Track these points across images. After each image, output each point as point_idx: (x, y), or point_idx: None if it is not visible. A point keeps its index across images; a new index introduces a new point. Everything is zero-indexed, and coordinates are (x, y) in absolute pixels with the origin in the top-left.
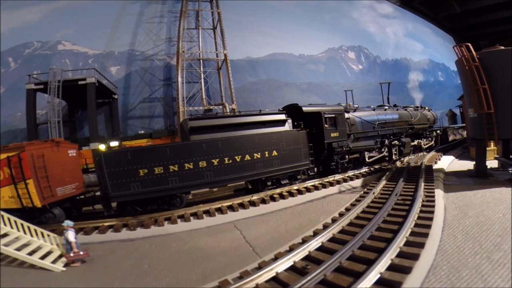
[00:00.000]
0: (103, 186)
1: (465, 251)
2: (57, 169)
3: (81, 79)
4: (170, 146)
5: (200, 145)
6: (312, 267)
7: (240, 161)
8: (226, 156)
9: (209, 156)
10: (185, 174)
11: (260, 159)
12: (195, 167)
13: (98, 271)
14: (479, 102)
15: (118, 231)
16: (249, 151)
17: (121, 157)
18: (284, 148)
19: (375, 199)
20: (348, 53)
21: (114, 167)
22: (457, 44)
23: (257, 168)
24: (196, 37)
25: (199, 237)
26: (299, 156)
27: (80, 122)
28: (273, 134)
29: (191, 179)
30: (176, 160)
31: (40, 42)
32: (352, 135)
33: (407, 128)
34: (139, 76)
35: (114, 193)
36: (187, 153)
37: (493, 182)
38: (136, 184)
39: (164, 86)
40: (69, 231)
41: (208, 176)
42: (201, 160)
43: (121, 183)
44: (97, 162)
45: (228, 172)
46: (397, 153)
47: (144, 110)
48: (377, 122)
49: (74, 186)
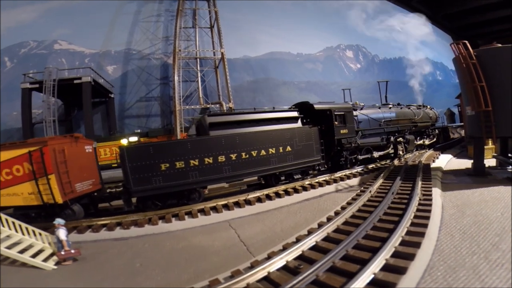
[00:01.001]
0: (125, 181)
1: (462, 251)
2: (76, 165)
3: (77, 78)
4: (191, 141)
5: (220, 140)
6: (304, 266)
7: (256, 156)
8: (243, 151)
9: (227, 151)
10: (205, 168)
11: (274, 154)
12: (214, 161)
13: (89, 270)
14: (477, 100)
15: (112, 230)
16: (265, 146)
17: (144, 151)
18: (297, 144)
19: (371, 197)
20: (346, 51)
21: (136, 161)
22: (454, 42)
23: (272, 163)
24: (193, 36)
25: (193, 236)
26: (311, 151)
27: (77, 121)
28: (287, 131)
29: (210, 174)
30: (196, 155)
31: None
32: (360, 132)
33: (411, 126)
34: (135, 75)
35: (136, 188)
36: (207, 148)
37: (491, 180)
38: (158, 179)
39: (161, 85)
40: (60, 229)
41: (227, 170)
42: (220, 155)
43: (143, 178)
44: (120, 156)
45: (245, 167)
46: (403, 149)
47: (141, 109)
48: (383, 119)
49: (91, 182)
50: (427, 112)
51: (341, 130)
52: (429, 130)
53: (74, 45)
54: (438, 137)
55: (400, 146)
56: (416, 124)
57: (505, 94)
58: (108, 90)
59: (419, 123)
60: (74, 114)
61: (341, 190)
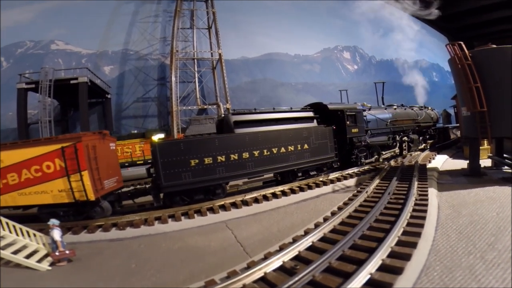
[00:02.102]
0: (155, 176)
1: (458, 251)
2: (104, 162)
3: (73, 79)
4: (219, 137)
5: (244, 138)
6: (301, 267)
7: (277, 153)
8: (265, 148)
9: (251, 148)
10: (230, 164)
11: (293, 152)
12: (239, 157)
13: (84, 271)
14: (472, 101)
15: (107, 231)
16: (284, 144)
17: (175, 147)
18: (314, 142)
19: (368, 198)
20: (343, 53)
21: (167, 157)
22: (450, 43)
23: (291, 160)
24: (190, 36)
25: (189, 237)
26: (326, 149)
27: (73, 122)
28: (304, 129)
29: (235, 169)
30: (223, 151)
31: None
32: (369, 131)
33: (414, 126)
34: (133, 75)
35: (167, 183)
36: (232, 144)
37: (486, 180)
38: (188, 174)
39: (158, 85)
40: (55, 230)
41: (250, 166)
42: (244, 152)
43: (173, 173)
44: (152, 152)
45: (266, 163)
46: (406, 148)
47: (137, 109)
48: (389, 120)
49: (116, 180)
50: (429, 113)
51: (352, 129)
52: (430, 130)
53: (71, 45)
54: (439, 137)
55: (404, 145)
56: (419, 124)
57: (500, 95)
58: (105, 90)
59: (421, 123)
60: (71, 114)
61: (338, 190)
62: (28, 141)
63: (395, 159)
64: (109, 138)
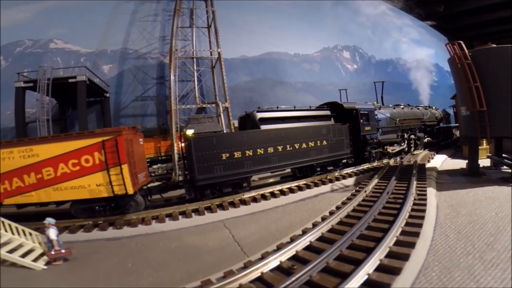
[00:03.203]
0: (189, 170)
1: (457, 251)
2: (137, 156)
3: (71, 77)
4: (247, 133)
5: (269, 134)
6: (298, 267)
7: (299, 149)
8: (288, 144)
9: (275, 143)
10: (257, 158)
11: (313, 148)
12: (265, 152)
13: (80, 270)
14: (472, 100)
15: (104, 230)
16: (305, 140)
17: (208, 141)
18: (332, 139)
19: (366, 197)
20: (343, 52)
21: (201, 151)
22: (449, 42)
23: (311, 155)
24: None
25: (187, 236)
26: (343, 146)
27: (71, 121)
28: (323, 127)
29: (261, 164)
30: (251, 146)
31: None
32: (380, 129)
33: (420, 125)
34: (132, 74)
35: (200, 176)
36: (259, 140)
37: (485, 180)
38: (219, 167)
39: (157, 84)
40: (51, 229)
41: (274, 160)
42: (269, 147)
43: (206, 166)
44: (187, 146)
45: (289, 158)
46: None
47: (136, 108)
48: (398, 118)
49: (145, 174)
50: (433, 112)
51: (366, 127)
52: (435, 129)
53: (70, 44)
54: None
55: (411, 142)
56: (425, 123)
57: (500, 94)
58: (104, 89)
59: (427, 122)
60: (69, 113)
61: (337, 190)
62: (67, 134)
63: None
64: (139, 133)
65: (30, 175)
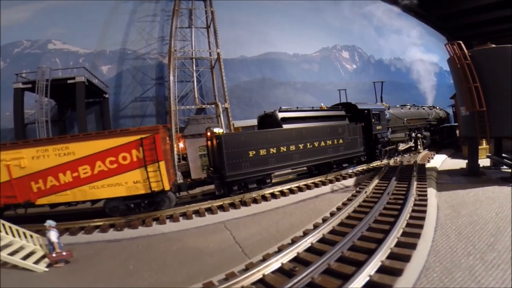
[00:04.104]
0: (219, 167)
1: (458, 252)
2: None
3: (70, 78)
4: (271, 132)
5: (291, 132)
6: (300, 269)
7: (318, 147)
8: (308, 142)
9: (296, 142)
10: (280, 155)
11: (331, 146)
12: (287, 150)
13: (81, 272)
14: (471, 100)
15: (105, 232)
16: (324, 138)
17: (237, 139)
18: (347, 137)
19: (367, 198)
20: (342, 52)
21: (231, 148)
22: (449, 42)
23: (329, 153)
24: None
25: (187, 238)
26: (357, 144)
27: (70, 122)
28: (340, 126)
29: (284, 161)
30: (274, 144)
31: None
32: (390, 128)
33: (426, 124)
34: (130, 75)
35: (230, 173)
36: (282, 138)
37: (485, 180)
38: (247, 164)
39: (156, 85)
40: (51, 231)
41: (296, 158)
42: (291, 145)
43: (235, 163)
44: (218, 144)
45: (308, 155)
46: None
47: (135, 109)
48: (405, 118)
49: (173, 171)
50: (438, 112)
51: (377, 126)
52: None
53: (69, 45)
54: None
55: (418, 141)
56: (430, 122)
57: (500, 94)
58: (103, 90)
59: (432, 122)
60: (68, 114)
61: (337, 190)
62: (104, 132)
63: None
64: (166, 132)
65: (66, 173)
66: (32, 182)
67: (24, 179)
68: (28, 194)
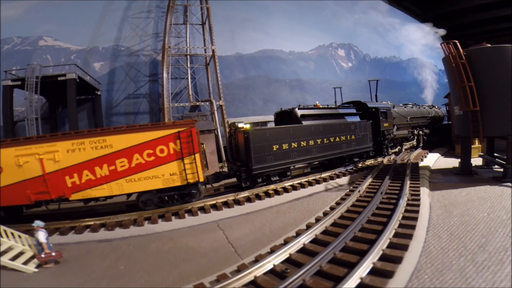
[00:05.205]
0: (246, 160)
1: (449, 253)
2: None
3: (61, 75)
4: (293, 127)
5: (310, 128)
6: (292, 270)
7: (333, 142)
8: (325, 137)
9: (315, 137)
10: (300, 150)
11: (344, 141)
12: (306, 144)
13: (71, 272)
14: (465, 100)
15: (96, 231)
16: (339, 134)
17: (263, 134)
18: (358, 134)
19: (360, 197)
20: (338, 50)
21: (257, 142)
22: (444, 42)
23: (343, 148)
24: (183, 32)
25: (180, 238)
26: (367, 140)
27: (62, 119)
28: (352, 123)
29: (304, 155)
30: (296, 139)
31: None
32: (395, 126)
33: (427, 122)
34: (124, 72)
35: (256, 166)
36: (302, 133)
37: (477, 180)
38: (270, 158)
39: (150, 82)
40: (40, 232)
41: (314, 152)
42: (310, 140)
43: (261, 157)
44: (245, 138)
45: (325, 149)
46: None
47: (129, 106)
48: (408, 116)
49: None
50: (437, 111)
51: (384, 124)
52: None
53: (60, 42)
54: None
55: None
56: (430, 120)
57: (493, 94)
58: (95, 87)
59: (432, 120)
60: (59, 111)
61: (331, 189)
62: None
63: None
64: None
65: (103, 167)
66: (66, 176)
67: (58, 173)
68: (62, 190)
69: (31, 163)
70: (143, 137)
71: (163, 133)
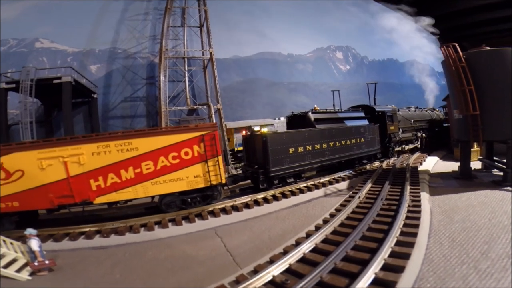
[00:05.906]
0: (264, 162)
1: (451, 260)
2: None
3: (56, 78)
4: (308, 131)
5: (323, 132)
6: (292, 282)
7: (344, 144)
8: (337, 141)
9: (328, 140)
10: (314, 152)
11: (354, 144)
12: (320, 147)
13: (65, 280)
14: (465, 104)
15: (91, 238)
16: (350, 137)
17: (279, 138)
18: (367, 137)
19: (360, 203)
20: (336, 53)
21: (275, 146)
22: (443, 45)
23: (353, 150)
24: (181, 35)
25: (177, 245)
26: (375, 143)
27: (57, 123)
28: (362, 127)
29: (318, 157)
30: (310, 142)
31: (16, 39)
32: (400, 128)
33: (429, 125)
34: (120, 74)
35: (273, 168)
36: (316, 137)
37: (477, 184)
38: (287, 160)
39: (147, 85)
40: (32, 240)
41: (327, 154)
42: (323, 143)
43: (278, 159)
44: (263, 142)
45: (337, 152)
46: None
47: (125, 109)
48: (412, 119)
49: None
50: (438, 114)
51: (391, 127)
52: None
53: (56, 44)
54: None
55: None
56: (432, 123)
57: (493, 98)
58: (91, 90)
59: (434, 123)
60: (54, 115)
61: (330, 194)
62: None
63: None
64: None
65: (128, 169)
66: (91, 179)
67: (82, 176)
68: (86, 193)
69: (54, 166)
70: (168, 140)
71: (187, 136)
